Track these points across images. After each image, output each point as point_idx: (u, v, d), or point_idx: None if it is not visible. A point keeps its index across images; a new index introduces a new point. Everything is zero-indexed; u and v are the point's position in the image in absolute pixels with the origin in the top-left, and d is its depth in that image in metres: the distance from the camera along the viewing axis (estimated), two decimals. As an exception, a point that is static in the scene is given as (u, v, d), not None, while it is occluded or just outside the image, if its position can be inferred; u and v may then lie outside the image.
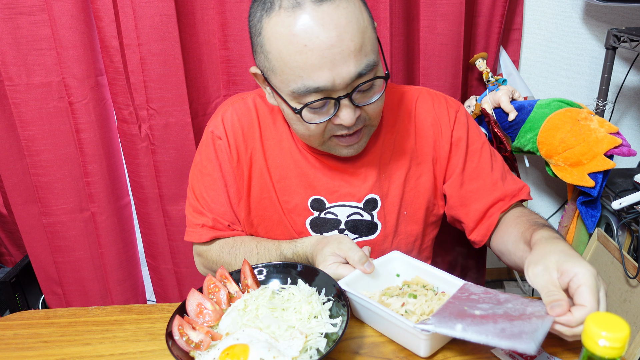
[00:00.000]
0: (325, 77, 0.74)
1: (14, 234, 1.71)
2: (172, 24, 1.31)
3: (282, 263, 0.85)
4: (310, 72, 0.74)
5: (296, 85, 0.76)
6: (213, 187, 0.97)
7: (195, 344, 0.70)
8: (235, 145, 0.95)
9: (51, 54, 1.35)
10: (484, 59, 1.49)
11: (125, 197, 1.58)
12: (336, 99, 0.77)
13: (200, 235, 0.98)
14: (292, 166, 0.95)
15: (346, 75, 0.75)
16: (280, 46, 0.75)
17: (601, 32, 1.63)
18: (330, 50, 0.73)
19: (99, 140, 1.44)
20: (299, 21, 0.72)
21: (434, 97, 0.99)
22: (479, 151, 0.97)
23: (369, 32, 0.77)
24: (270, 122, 0.96)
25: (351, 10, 0.74)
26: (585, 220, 1.48)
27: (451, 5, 1.40)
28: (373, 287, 0.83)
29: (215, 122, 0.96)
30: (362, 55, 0.75)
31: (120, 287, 1.61)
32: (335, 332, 0.70)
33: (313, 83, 0.75)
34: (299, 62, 0.74)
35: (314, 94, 0.76)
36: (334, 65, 0.74)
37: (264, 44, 0.77)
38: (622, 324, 0.42)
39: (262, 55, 0.79)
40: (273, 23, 0.75)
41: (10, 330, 0.84)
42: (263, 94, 0.96)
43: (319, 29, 0.72)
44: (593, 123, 1.35)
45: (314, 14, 0.72)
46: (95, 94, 1.40)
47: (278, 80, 0.79)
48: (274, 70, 0.78)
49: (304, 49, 0.73)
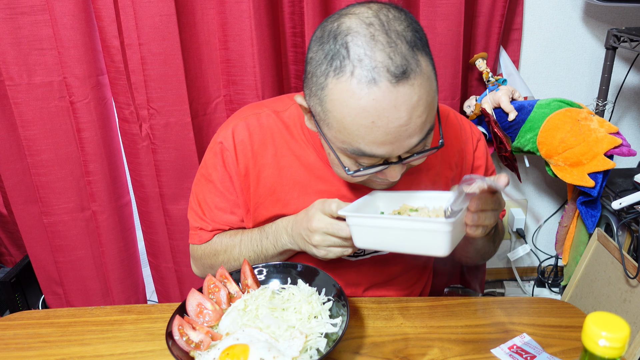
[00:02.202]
0: (385, 150, 0.71)
1: (14, 234, 1.71)
2: (172, 24, 1.31)
3: (282, 263, 0.85)
4: (371, 145, 0.71)
5: (352, 148, 0.72)
6: (216, 195, 0.95)
7: (195, 344, 0.70)
8: (244, 161, 0.91)
9: (52, 53, 1.35)
10: (484, 59, 1.49)
11: (126, 196, 1.58)
12: (389, 163, 0.74)
13: (200, 237, 0.98)
14: (314, 182, 0.92)
15: (406, 148, 0.72)
16: (345, 114, 0.69)
17: (601, 32, 1.63)
18: (397, 130, 0.69)
19: (99, 140, 1.44)
20: (371, 97, 0.67)
21: (460, 121, 0.99)
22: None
23: (435, 102, 0.73)
24: (288, 138, 0.92)
25: (425, 87, 0.69)
26: (585, 220, 1.48)
27: (451, 5, 1.39)
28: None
29: (225, 134, 0.92)
30: (426, 127, 0.72)
31: (121, 286, 1.61)
32: (335, 332, 0.70)
33: (371, 152, 0.71)
34: (362, 133, 0.70)
35: (369, 158, 0.73)
36: (397, 140, 0.70)
37: (326, 102, 0.71)
38: (622, 324, 0.42)
39: (320, 107, 0.73)
40: (342, 88, 0.68)
41: (10, 330, 0.84)
42: (279, 110, 0.93)
43: (390, 110, 0.67)
44: (593, 123, 1.35)
45: (388, 94, 0.67)
46: (96, 94, 1.40)
47: (331, 135, 0.74)
48: (330, 126, 0.73)
49: (371, 125, 0.69)
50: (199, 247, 1.00)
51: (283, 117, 0.93)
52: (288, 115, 0.93)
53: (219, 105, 1.47)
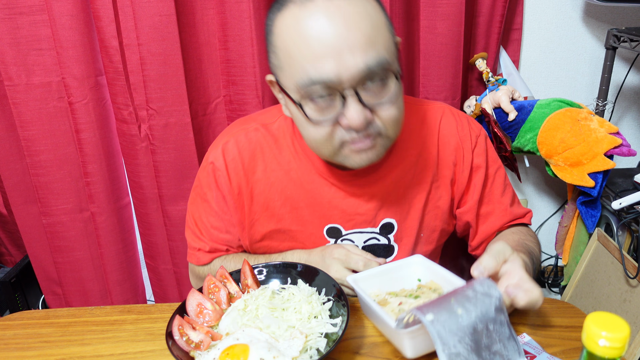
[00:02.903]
0: (329, 67, 0.70)
1: (14, 234, 1.71)
2: (172, 24, 1.31)
3: (282, 263, 0.85)
4: (314, 62, 0.71)
5: (301, 78, 0.73)
6: (212, 214, 0.95)
7: (195, 344, 0.70)
8: (237, 179, 0.92)
9: (51, 54, 1.35)
10: (484, 59, 1.49)
11: (125, 197, 1.58)
12: (341, 93, 0.73)
13: (199, 258, 0.99)
14: (304, 196, 0.92)
15: (353, 68, 0.70)
16: (287, 38, 0.73)
17: (601, 32, 1.63)
18: (336, 40, 0.70)
19: (98, 141, 1.44)
20: (307, 12, 0.71)
21: (457, 119, 0.96)
22: (493, 176, 0.98)
23: (383, 31, 0.74)
24: (276, 152, 0.92)
25: (364, 6, 0.72)
26: (585, 220, 1.48)
27: (451, 5, 1.39)
28: (389, 287, 0.83)
29: (216, 153, 0.93)
30: (372, 50, 0.71)
31: (120, 288, 1.61)
32: (335, 332, 0.70)
33: (317, 74, 0.71)
34: (303, 52, 0.71)
35: (318, 87, 0.72)
36: (339, 55, 0.70)
37: (274, 41, 0.76)
38: (622, 324, 0.42)
39: (273, 55, 0.77)
40: (283, 17, 0.74)
41: (10, 330, 0.83)
42: (267, 122, 0.94)
43: (325, 19, 0.70)
44: (593, 123, 1.35)
45: (323, 6, 0.71)
46: (95, 94, 1.40)
47: (285, 77, 0.76)
48: (282, 67, 0.76)
49: (309, 38, 0.71)
50: (201, 269, 1.01)
51: (272, 129, 0.93)
52: (277, 127, 0.93)
53: (219, 106, 1.47)
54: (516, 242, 0.92)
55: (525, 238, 0.94)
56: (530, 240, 0.95)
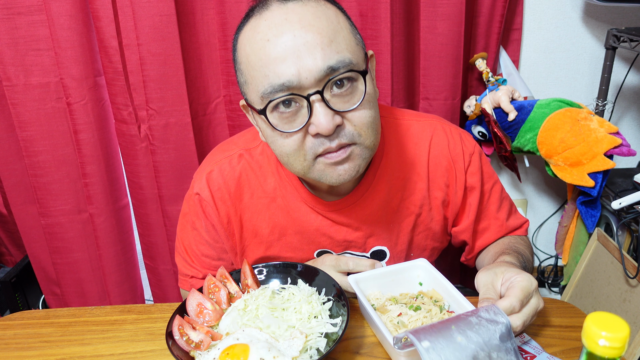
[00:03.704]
0: (288, 69, 0.68)
1: (14, 234, 1.71)
2: (172, 24, 1.31)
3: (282, 263, 0.85)
4: (273, 66, 0.68)
5: (262, 86, 0.70)
6: (202, 242, 0.94)
7: (196, 344, 0.70)
8: (224, 208, 0.89)
9: (49, 54, 1.35)
10: (484, 59, 1.49)
11: (124, 198, 1.58)
12: (305, 96, 0.69)
13: (192, 285, 0.97)
14: (291, 223, 0.90)
15: (312, 67, 0.68)
16: (247, 49, 0.72)
17: (601, 32, 1.63)
18: (293, 41, 0.68)
19: (97, 141, 1.44)
20: (262, 20, 0.71)
21: (449, 137, 0.91)
22: (489, 192, 0.95)
23: (343, 33, 0.72)
24: (262, 180, 0.89)
25: (320, 10, 0.71)
26: (585, 220, 1.48)
27: (451, 5, 1.39)
28: (390, 289, 0.83)
29: (200, 185, 0.90)
30: (333, 50, 0.69)
31: (119, 289, 1.61)
32: (335, 332, 0.70)
33: (277, 78, 0.68)
34: (262, 58, 0.69)
35: (280, 92, 0.69)
36: (298, 57, 0.68)
37: (238, 57, 0.75)
38: (622, 324, 0.42)
39: (239, 72, 0.76)
40: (243, 32, 0.74)
41: (10, 330, 0.83)
42: (250, 147, 0.91)
43: (281, 23, 0.69)
44: (593, 123, 1.35)
45: (278, 11, 0.70)
46: (94, 95, 1.40)
47: (250, 91, 0.74)
48: (246, 81, 0.74)
49: (266, 43, 0.69)
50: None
51: (255, 154, 0.90)
52: (260, 152, 0.90)
53: (218, 106, 1.47)
54: (505, 245, 0.92)
55: (516, 241, 0.95)
56: (521, 243, 0.95)
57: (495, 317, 0.65)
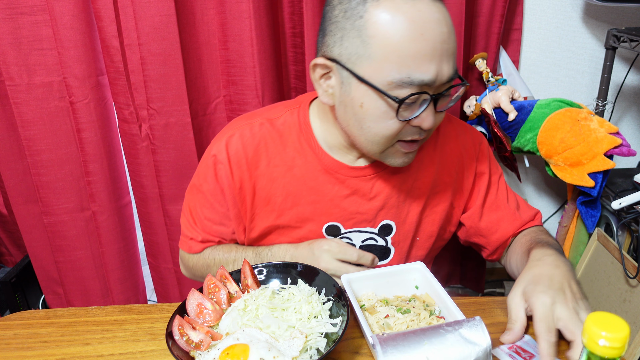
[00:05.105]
0: (432, 70, 0.72)
1: (14, 234, 1.71)
2: (172, 24, 1.31)
3: (282, 263, 0.85)
4: (420, 62, 0.71)
5: (400, 75, 0.72)
6: (207, 206, 0.95)
7: (196, 344, 0.70)
8: (239, 173, 0.91)
9: (52, 53, 1.35)
10: (484, 59, 1.49)
11: (126, 196, 1.58)
12: (430, 96, 0.75)
13: (191, 247, 0.99)
14: (306, 192, 0.92)
15: (446, 74, 0.74)
16: (392, 32, 0.70)
17: (601, 32, 1.63)
18: (441, 45, 0.72)
19: (99, 140, 1.44)
20: (416, 9, 0.71)
21: (457, 127, 0.98)
22: (497, 183, 1.00)
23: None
24: (280, 148, 0.91)
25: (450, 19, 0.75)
26: (585, 220, 1.48)
27: (451, 5, 1.39)
28: (384, 291, 0.83)
29: (219, 146, 0.92)
30: (454, 60, 0.76)
31: (121, 287, 1.61)
32: (335, 332, 0.70)
33: (420, 75, 0.72)
34: (412, 50, 0.71)
35: (414, 87, 0.73)
36: (440, 60, 0.72)
37: (367, 28, 0.72)
38: (622, 324, 0.42)
39: (358, 40, 0.73)
40: (385, 7, 0.71)
41: (10, 330, 0.84)
42: (272, 117, 0.93)
43: (435, 23, 0.71)
44: (593, 123, 1.35)
45: (431, 8, 0.72)
46: (96, 94, 1.40)
47: (373, 69, 0.73)
48: (372, 57, 0.73)
49: (420, 37, 0.70)
50: (191, 257, 1.01)
51: (277, 124, 0.92)
52: (282, 123, 0.92)
53: (219, 106, 1.47)
54: (528, 241, 0.92)
55: (536, 235, 0.95)
56: (542, 233, 0.96)
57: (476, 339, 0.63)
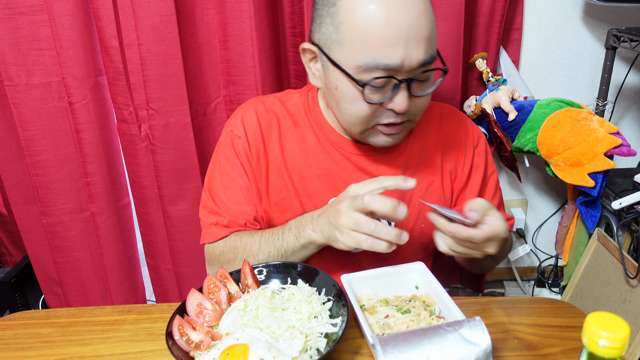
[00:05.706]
0: (397, 55, 0.74)
1: (14, 234, 1.71)
2: (172, 24, 1.31)
3: (282, 263, 0.85)
4: (384, 47, 0.74)
5: (365, 60, 0.76)
6: (231, 187, 0.96)
7: (195, 344, 0.70)
8: (255, 144, 0.95)
9: (51, 54, 1.35)
10: (484, 59, 1.49)
11: (125, 197, 1.58)
12: (399, 81, 0.77)
13: (215, 233, 0.96)
14: (314, 167, 0.95)
15: (415, 59, 0.76)
16: (359, 17, 0.75)
17: (601, 32, 1.63)
18: (408, 30, 0.74)
19: (98, 141, 1.44)
20: None
21: (459, 117, 1.02)
22: (489, 178, 1.03)
23: (436, 29, 0.80)
24: (291, 123, 0.96)
25: (428, 2, 0.77)
26: (585, 220, 1.48)
27: (451, 5, 1.39)
28: (384, 291, 0.83)
29: (235, 121, 0.97)
30: (431, 46, 0.77)
31: (120, 288, 1.61)
32: (335, 332, 0.70)
33: (384, 60, 0.75)
34: (376, 35, 0.74)
35: (380, 71, 0.76)
36: (408, 45, 0.74)
37: (338, 14, 0.77)
38: (622, 324, 0.42)
39: (331, 27, 0.78)
40: None
41: (10, 330, 0.83)
42: (283, 98, 0.99)
43: (401, 8, 0.73)
44: (593, 123, 1.35)
45: None
46: (95, 94, 1.40)
47: (344, 53, 0.78)
48: (342, 42, 0.77)
49: (384, 23, 0.73)
50: (216, 246, 0.97)
51: (287, 105, 0.98)
52: (292, 104, 0.98)
53: (218, 106, 1.47)
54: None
55: None
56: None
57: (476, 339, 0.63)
